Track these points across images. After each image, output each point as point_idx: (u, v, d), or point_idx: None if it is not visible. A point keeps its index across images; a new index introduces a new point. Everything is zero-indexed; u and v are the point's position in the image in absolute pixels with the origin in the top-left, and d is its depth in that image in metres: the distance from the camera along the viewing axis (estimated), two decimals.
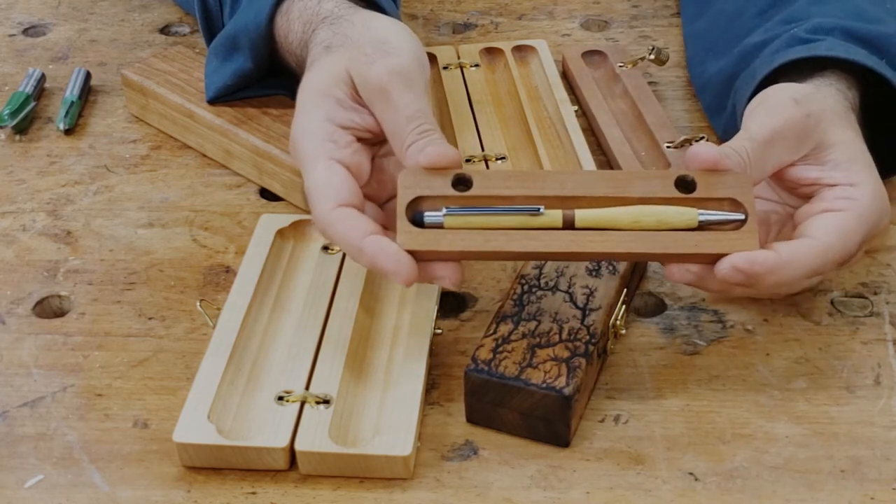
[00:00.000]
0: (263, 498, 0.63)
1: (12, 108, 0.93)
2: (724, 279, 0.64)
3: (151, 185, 0.87)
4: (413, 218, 0.65)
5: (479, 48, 0.99)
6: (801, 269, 0.66)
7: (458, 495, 0.62)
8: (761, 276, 0.64)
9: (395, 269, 0.64)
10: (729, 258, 0.64)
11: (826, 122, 0.70)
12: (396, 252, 0.64)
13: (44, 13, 1.11)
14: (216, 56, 0.86)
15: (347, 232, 0.65)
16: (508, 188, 0.66)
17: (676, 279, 0.66)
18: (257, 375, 0.69)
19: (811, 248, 0.66)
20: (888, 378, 0.69)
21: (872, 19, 0.80)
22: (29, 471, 0.65)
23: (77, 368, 0.71)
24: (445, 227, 0.65)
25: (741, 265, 0.64)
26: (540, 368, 0.64)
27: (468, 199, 0.66)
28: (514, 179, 0.66)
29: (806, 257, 0.66)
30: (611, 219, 0.65)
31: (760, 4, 0.87)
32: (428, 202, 0.66)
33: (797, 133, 0.69)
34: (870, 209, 0.68)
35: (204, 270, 0.79)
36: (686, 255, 0.65)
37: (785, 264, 0.65)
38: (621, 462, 0.64)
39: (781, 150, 0.69)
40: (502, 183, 0.66)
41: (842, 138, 0.70)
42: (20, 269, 0.79)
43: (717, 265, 0.64)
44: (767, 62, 0.77)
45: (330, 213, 0.65)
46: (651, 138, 0.88)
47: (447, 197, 0.66)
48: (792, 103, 0.69)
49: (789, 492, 0.62)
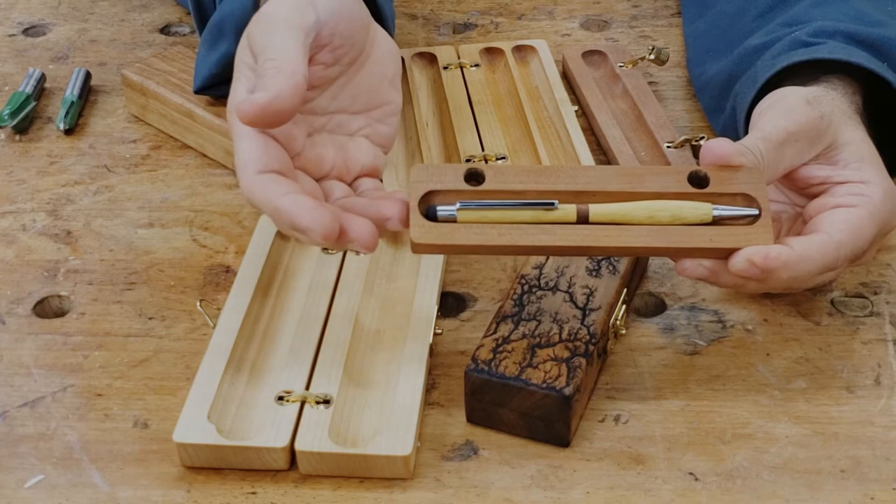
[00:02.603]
0: (263, 498, 0.63)
1: (12, 108, 0.93)
2: (739, 273, 0.65)
3: (151, 185, 0.87)
4: (426, 212, 0.65)
5: (479, 48, 0.99)
6: (814, 264, 0.66)
7: (458, 495, 0.62)
8: (775, 271, 0.64)
9: (310, 224, 0.61)
10: (743, 252, 0.64)
11: (837, 123, 0.70)
12: (313, 208, 0.61)
13: (44, 13, 1.11)
14: (204, 45, 0.85)
15: (266, 194, 0.62)
16: (521, 183, 0.66)
17: (689, 274, 0.66)
18: (257, 375, 0.69)
19: (824, 243, 0.66)
20: (888, 378, 0.69)
21: (874, 23, 0.80)
22: (29, 471, 0.65)
23: (77, 368, 0.71)
24: (459, 221, 0.65)
25: (756, 259, 0.64)
26: (540, 368, 0.64)
27: (481, 193, 0.66)
28: (528, 174, 0.66)
29: (819, 252, 0.66)
30: (625, 214, 0.65)
31: (761, 6, 0.87)
32: (440, 196, 0.66)
33: (810, 134, 0.69)
34: (881, 206, 0.68)
35: (204, 270, 0.79)
36: (700, 250, 0.65)
37: (798, 259, 0.65)
38: (621, 462, 0.64)
39: (795, 151, 0.69)
40: (515, 178, 0.66)
41: (852, 138, 0.70)
42: (20, 269, 0.79)
43: (732, 259, 0.64)
44: (769, 65, 0.77)
45: (251, 179, 0.63)
46: (651, 138, 0.88)
47: (459, 191, 0.66)
48: (805, 104, 0.70)
49: (789, 492, 0.62)
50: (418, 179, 0.66)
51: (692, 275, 0.66)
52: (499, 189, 0.66)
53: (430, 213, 0.65)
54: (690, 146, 0.86)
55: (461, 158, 0.86)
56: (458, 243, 0.64)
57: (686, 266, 0.66)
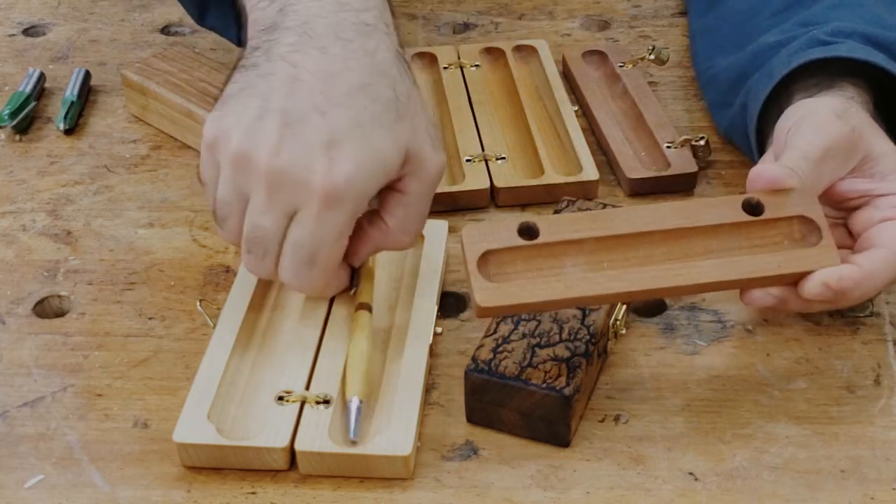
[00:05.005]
0: (263, 498, 0.63)
1: (12, 108, 0.93)
2: (814, 298, 0.65)
3: (151, 185, 0.87)
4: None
5: (479, 48, 0.99)
6: (881, 280, 0.66)
7: (458, 495, 0.62)
8: (848, 291, 0.65)
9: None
10: (816, 276, 0.64)
11: (867, 135, 0.70)
12: None
13: (44, 13, 1.11)
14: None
15: None
16: (577, 231, 0.65)
17: (758, 304, 0.66)
18: (257, 375, 0.69)
19: (887, 258, 0.67)
20: (888, 378, 0.69)
21: (891, 26, 0.80)
22: (29, 471, 0.65)
23: (77, 368, 0.71)
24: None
25: (830, 282, 0.64)
26: (540, 368, 0.64)
27: (537, 247, 0.64)
28: (582, 221, 0.65)
29: (885, 267, 0.66)
30: None
31: (776, 5, 0.87)
32: (495, 255, 0.64)
33: (845, 149, 0.69)
34: None
35: (204, 270, 0.79)
36: (768, 279, 0.65)
37: (868, 276, 0.65)
38: (621, 462, 0.64)
39: (832, 167, 0.69)
40: (570, 227, 0.65)
41: (885, 149, 0.71)
42: (20, 269, 0.79)
43: (805, 284, 0.64)
44: (785, 62, 0.77)
45: None
46: (651, 138, 0.88)
47: (514, 248, 0.64)
48: (836, 119, 0.70)
49: (789, 492, 0.62)
50: (472, 240, 0.64)
51: (761, 304, 0.66)
52: (554, 240, 0.64)
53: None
54: (690, 146, 0.86)
55: (461, 158, 0.86)
56: (525, 302, 0.63)
57: (755, 297, 0.66)
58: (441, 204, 0.82)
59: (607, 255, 0.65)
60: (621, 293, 0.64)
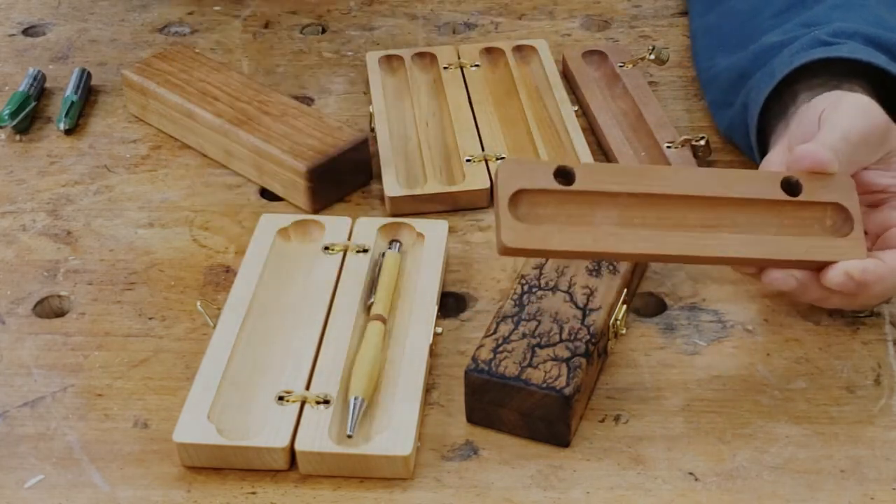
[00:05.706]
0: (263, 498, 0.63)
1: (12, 108, 0.93)
2: (836, 287, 0.65)
3: (151, 185, 0.87)
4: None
5: (479, 48, 0.99)
6: None
7: (458, 495, 0.62)
8: (870, 285, 0.65)
9: None
10: (840, 265, 0.64)
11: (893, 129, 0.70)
12: None
13: (44, 13, 1.11)
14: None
15: None
16: (614, 183, 0.64)
17: (778, 285, 0.66)
18: (257, 375, 0.69)
19: None
20: (888, 378, 0.69)
21: (893, 28, 0.80)
22: (29, 471, 0.65)
23: (77, 368, 0.71)
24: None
25: (854, 273, 0.64)
26: (540, 368, 0.64)
27: (571, 193, 0.63)
28: (620, 175, 0.64)
29: None
30: None
31: (778, 5, 0.87)
32: (528, 195, 0.63)
33: (880, 137, 0.69)
34: None
35: (204, 270, 0.79)
36: (793, 262, 0.64)
37: (891, 273, 0.65)
38: (621, 462, 0.64)
39: (865, 153, 0.69)
40: (608, 177, 0.64)
41: None
42: (20, 269, 0.79)
43: (828, 273, 0.64)
44: (787, 62, 0.77)
45: None
46: (651, 138, 0.88)
47: (549, 191, 0.63)
48: (876, 106, 0.69)
49: (789, 492, 0.62)
50: (506, 178, 0.63)
51: (781, 285, 0.66)
52: (591, 189, 0.64)
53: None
54: (691, 146, 0.86)
55: (461, 158, 0.86)
56: (551, 248, 0.62)
57: (776, 277, 0.66)
58: (441, 204, 0.82)
59: (640, 211, 0.64)
60: (648, 254, 0.64)
